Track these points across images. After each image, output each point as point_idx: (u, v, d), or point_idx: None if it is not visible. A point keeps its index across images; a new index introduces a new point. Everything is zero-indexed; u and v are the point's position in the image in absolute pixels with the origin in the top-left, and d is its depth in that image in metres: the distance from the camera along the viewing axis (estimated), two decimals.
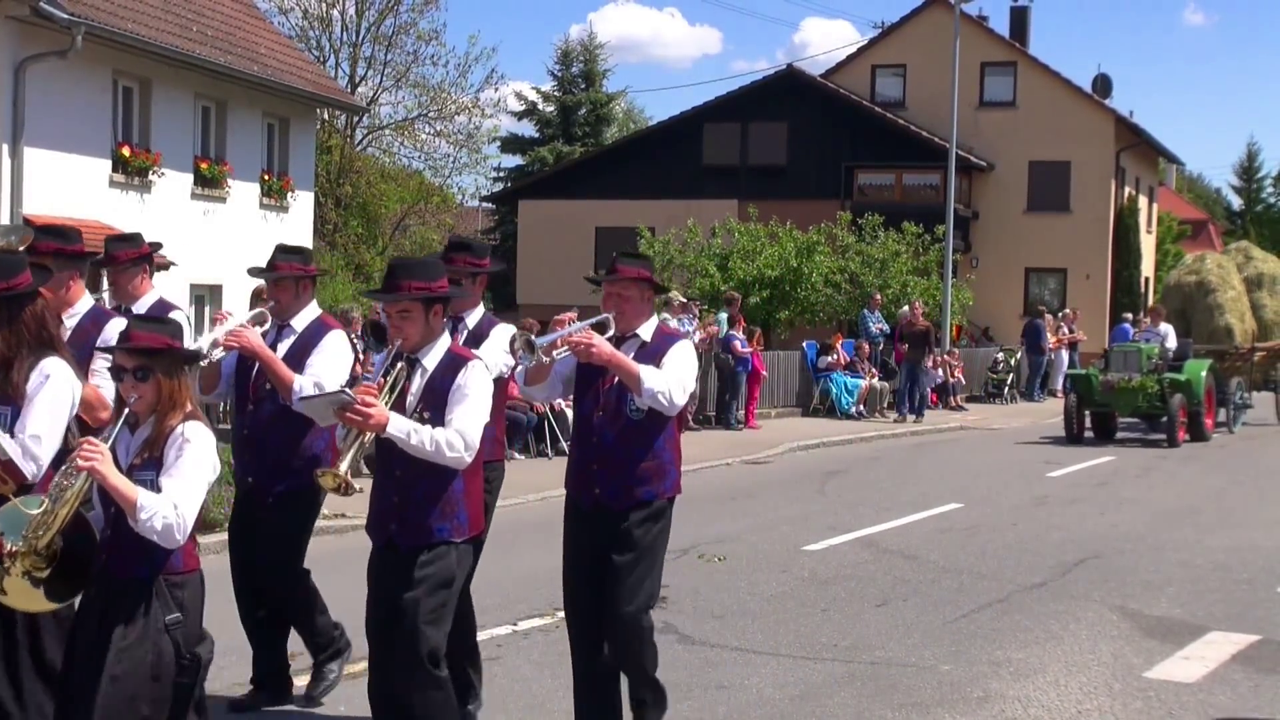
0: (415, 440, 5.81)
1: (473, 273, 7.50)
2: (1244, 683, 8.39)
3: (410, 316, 6.04)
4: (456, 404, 5.97)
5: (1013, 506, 16.08)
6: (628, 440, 6.58)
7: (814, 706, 7.80)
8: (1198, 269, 28.82)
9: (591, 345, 6.31)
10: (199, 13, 25.88)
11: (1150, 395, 23.49)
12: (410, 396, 6.04)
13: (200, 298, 25.29)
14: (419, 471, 5.93)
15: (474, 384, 6.04)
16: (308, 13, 47.97)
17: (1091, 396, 23.91)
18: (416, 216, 53.74)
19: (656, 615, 9.91)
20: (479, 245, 7.96)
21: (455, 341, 7.16)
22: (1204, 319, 27.61)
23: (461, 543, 6.09)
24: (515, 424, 19.92)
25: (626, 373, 6.40)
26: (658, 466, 6.64)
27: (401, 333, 6.05)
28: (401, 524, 6.02)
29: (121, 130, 23.95)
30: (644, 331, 6.71)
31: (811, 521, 14.76)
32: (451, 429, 5.88)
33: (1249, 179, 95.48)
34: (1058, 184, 45.02)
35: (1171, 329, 26.17)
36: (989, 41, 46.43)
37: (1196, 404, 23.94)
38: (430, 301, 6.07)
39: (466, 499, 6.10)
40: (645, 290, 6.73)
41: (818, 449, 22.75)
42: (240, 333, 7.17)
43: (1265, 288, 28.51)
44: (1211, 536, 13.90)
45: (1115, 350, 25.28)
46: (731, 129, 45.37)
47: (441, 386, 6.02)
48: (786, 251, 33.31)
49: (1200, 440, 23.72)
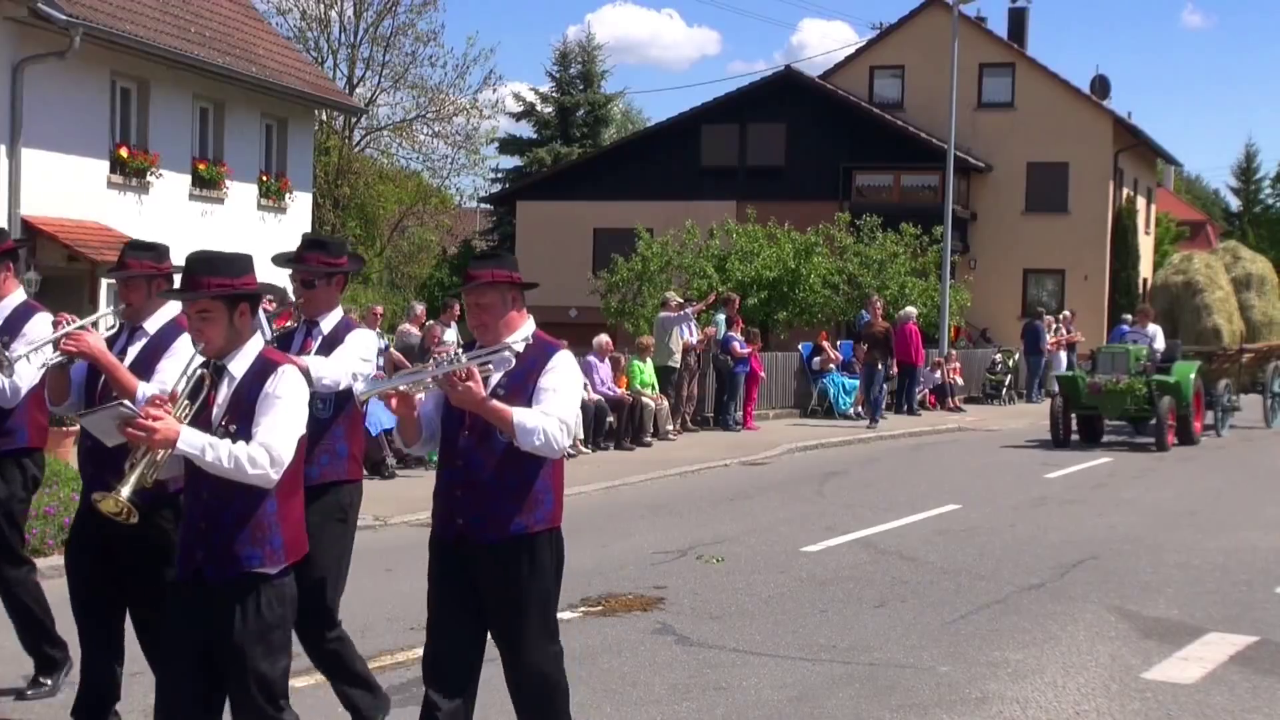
0: (211, 456, 5.11)
1: (328, 273, 6.95)
2: (1242, 684, 8.39)
3: (211, 318, 5.34)
4: (264, 415, 5.27)
5: (1011, 507, 16.08)
6: (497, 465, 5.70)
7: (812, 707, 7.80)
8: (1185, 269, 28.08)
9: (467, 388, 5.48)
10: (197, 14, 25.89)
11: (1138, 398, 22.99)
12: (216, 408, 5.36)
13: None
14: (228, 493, 5.24)
15: (285, 392, 5.33)
16: (306, 14, 48.08)
17: (1078, 399, 23.46)
18: (415, 218, 53.80)
19: (655, 617, 9.95)
20: (335, 242, 7.32)
21: (309, 347, 6.84)
22: (1191, 320, 26.97)
23: (276, 573, 5.33)
24: None
25: (500, 419, 5.55)
26: (531, 496, 5.75)
27: (202, 336, 5.38)
28: (209, 552, 5.30)
29: (119, 131, 23.96)
30: (515, 343, 5.80)
31: (810, 522, 14.75)
32: (256, 443, 5.18)
33: (1247, 180, 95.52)
34: (1056, 185, 45.08)
35: (1160, 330, 25.50)
36: (987, 42, 46.49)
37: (1185, 407, 23.42)
38: (234, 300, 5.37)
39: (282, 522, 5.36)
40: (509, 294, 5.82)
41: (816, 450, 22.75)
42: (80, 336, 6.55)
43: (1253, 288, 27.94)
44: (1210, 538, 13.90)
45: (1103, 352, 24.78)
46: (730, 130, 45.40)
47: (249, 396, 5.32)
48: (785, 253, 33.33)
49: (1188, 444, 23.18)
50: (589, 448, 21.02)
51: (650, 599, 10.56)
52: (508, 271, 5.84)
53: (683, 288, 31.47)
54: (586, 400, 21.15)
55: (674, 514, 15.44)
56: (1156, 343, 24.64)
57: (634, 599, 10.57)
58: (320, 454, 6.70)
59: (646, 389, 22.77)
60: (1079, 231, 44.93)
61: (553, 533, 5.88)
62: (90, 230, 22.16)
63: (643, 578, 11.46)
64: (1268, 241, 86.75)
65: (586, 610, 10.15)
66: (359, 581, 11.47)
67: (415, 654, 8.66)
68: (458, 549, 5.79)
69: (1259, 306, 27.71)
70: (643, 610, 10.18)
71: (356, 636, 9.17)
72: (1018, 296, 45.18)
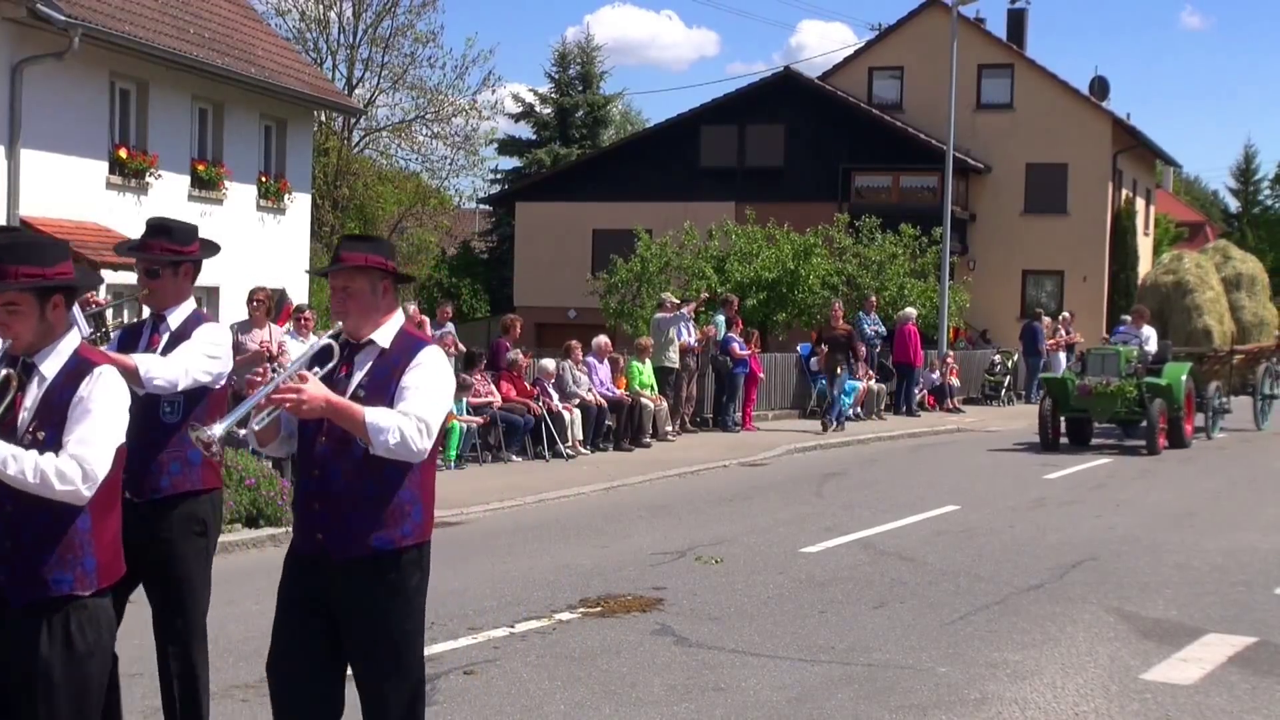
0: (14, 470, 4.51)
1: (174, 261, 6.39)
2: (1241, 684, 8.39)
3: (19, 311, 4.72)
4: (76, 422, 4.66)
5: (1010, 508, 16.08)
6: (358, 475, 5.17)
7: (811, 708, 7.80)
8: (1175, 269, 27.23)
9: (302, 398, 4.91)
10: (196, 15, 25.90)
11: (1129, 400, 22.46)
12: (23, 412, 4.75)
13: (197, 300, 25.24)
14: (32, 508, 4.63)
15: (101, 397, 4.73)
16: (305, 15, 48.10)
17: (1067, 401, 22.90)
18: (414, 218, 53.82)
19: (654, 618, 9.95)
20: (183, 228, 6.58)
21: (155, 344, 6.35)
22: (1182, 320, 26.17)
23: (90, 596, 4.76)
24: (512, 426, 19.95)
25: (350, 421, 5.01)
26: (396, 508, 5.19)
27: (9, 332, 4.79)
28: (11, 574, 4.69)
29: (118, 132, 23.96)
30: (382, 336, 5.29)
31: (809, 523, 14.76)
32: (65, 454, 4.59)
33: (1246, 181, 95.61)
34: (1055, 186, 45.10)
35: (1154, 332, 24.67)
36: (986, 44, 46.50)
37: (1177, 409, 22.90)
38: (46, 292, 4.76)
39: (95, 542, 4.78)
40: (380, 281, 5.29)
41: (815, 451, 22.76)
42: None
43: (1244, 288, 27.23)
44: (1208, 539, 13.91)
45: (1092, 353, 24.15)
46: (728, 131, 45.42)
47: (60, 400, 4.71)
48: (784, 254, 33.35)
49: (1180, 447, 22.76)
50: (588, 449, 21.04)
51: (649, 600, 10.57)
52: (383, 258, 5.30)
53: (682, 289, 31.48)
54: (589, 402, 21.18)
55: (673, 515, 15.44)
56: (1150, 344, 24.07)
57: (633, 600, 10.57)
58: (170, 462, 6.23)
59: (645, 390, 22.78)
60: (1078, 232, 44.95)
61: (421, 548, 5.31)
62: (89, 231, 22.15)
63: (642, 579, 11.46)
64: (1267, 243, 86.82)
65: (586, 611, 10.16)
66: None
67: None
68: (316, 567, 5.24)
69: (1249, 307, 27.06)
70: (642, 611, 10.19)
71: None
72: (1017, 297, 45.21)
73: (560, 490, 17.12)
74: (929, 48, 43.42)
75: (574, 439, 20.76)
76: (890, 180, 44.36)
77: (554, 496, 16.73)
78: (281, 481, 13.53)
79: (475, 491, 16.54)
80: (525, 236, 48.14)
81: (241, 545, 12.48)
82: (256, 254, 26.42)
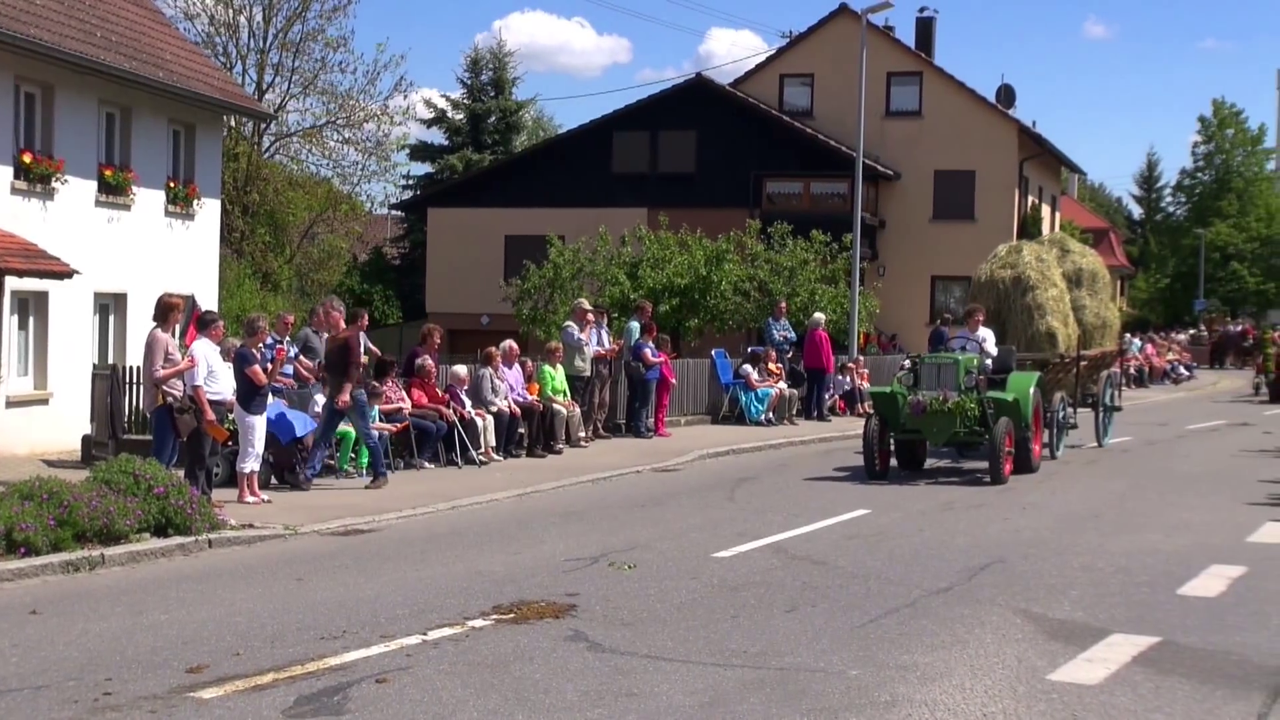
0: None
1: None
2: (1145, 684, 8.52)
3: None
4: None
5: (919, 512, 16.23)
6: None
7: (724, 713, 7.84)
8: (1014, 261, 23.70)
9: None
10: (103, 18, 25.54)
11: (969, 419, 19.06)
12: None
13: (104, 306, 24.92)
14: None
15: None
16: (214, 19, 47.55)
17: (897, 420, 19.41)
18: (325, 224, 53.39)
19: (567, 624, 9.95)
20: None
21: None
22: (1021, 322, 22.90)
23: None
24: (425, 432, 19.87)
25: None
26: None
27: None
28: None
29: (23, 136, 23.54)
30: None
31: (721, 528, 14.81)
32: None
33: (1149, 188, 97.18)
34: (962, 193, 45.63)
35: (991, 334, 21.48)
36: (895, 52, 46.97)
37: (1025, 429, 19.65)
38: None
39: None
40: None
41: (727, 456, 22.85)
42: None
43: (1084, 286, 23.96)
44: (1113, 540, 14.11)
45: (926, 362, 20.28)
46: (641, 138, 45.57)
47: None
48: (696, 260, 33.50)
49: (1027, 472, 19.58)
50: (500, 455, 20.99)
51: (562, 606, 10.56)
52: None
53: (595, 295, 31.51)
54: (503, 410, 21.11)
55: (586, 521, 15.45)
56: (988, 346, 21.02)
57: (546, 606, 10.56)
58: None
59: (558, 395, 22.76)
60: (985, 238, 45.16)
61: None
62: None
63: (554, 584, 11.45)
64: (1169, 249, 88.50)
65: (498, 618, 10.14)
66: (270, 590, 11.39)
67: (327, 663, 8.62)
68: None
69: (1091, 306, 23.85)
70: (555, 617, 10.18)
71: (267, 645, 9.12)
72: (926, 302, 45.67)
73: (473, 497, 17.07)
74: (839, 55, 43.80)
75: (486, 445, 20.71)
76: (801, 187, 44.67)
77: (467, 503, 16.67)
78: (191, 490, 13.40)
79: (388, 498, 16.46)
80: (437, 242, 47.98)
81: (150, 555, 12.28)
82: (165, 260, 26.10)
